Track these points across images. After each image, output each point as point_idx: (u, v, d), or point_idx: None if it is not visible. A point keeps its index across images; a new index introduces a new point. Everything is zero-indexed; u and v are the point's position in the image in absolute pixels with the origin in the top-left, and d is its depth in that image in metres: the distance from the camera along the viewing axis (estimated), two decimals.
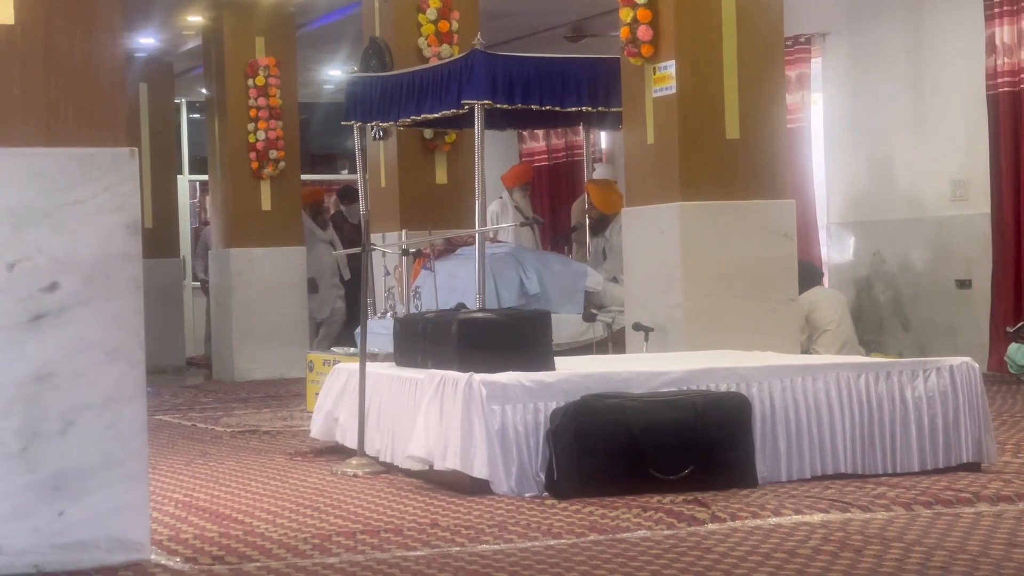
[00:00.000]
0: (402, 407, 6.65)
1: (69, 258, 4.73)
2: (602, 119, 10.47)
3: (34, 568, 4.64)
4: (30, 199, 4.71)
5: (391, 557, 4.80)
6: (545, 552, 4.83)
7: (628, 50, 8.78)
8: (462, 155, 11.63)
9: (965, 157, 11.99)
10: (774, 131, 8.80)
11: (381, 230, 11.36)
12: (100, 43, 4.83)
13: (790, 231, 8.81)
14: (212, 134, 14.75)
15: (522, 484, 6.00)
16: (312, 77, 18.00)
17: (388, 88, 10.22)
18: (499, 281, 9.84)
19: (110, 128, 4.83)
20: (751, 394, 6.24)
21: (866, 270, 12.97)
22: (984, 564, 4.44)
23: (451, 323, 6.57)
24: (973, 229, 11.89)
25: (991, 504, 5.55)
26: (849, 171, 13.20)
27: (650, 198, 8.80)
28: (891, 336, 12.65)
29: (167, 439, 8.90)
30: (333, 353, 9.87)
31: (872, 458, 6.38)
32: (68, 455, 4.70)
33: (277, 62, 14.11)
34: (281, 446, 8.31)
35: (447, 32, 11.55)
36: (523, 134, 17.50)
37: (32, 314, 4.69)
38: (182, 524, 5.62)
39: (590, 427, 5.92)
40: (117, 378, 4.77)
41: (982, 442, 6.49)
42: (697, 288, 8.52)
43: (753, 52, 8.68)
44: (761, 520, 5.30)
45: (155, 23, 15.27)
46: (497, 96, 9.20)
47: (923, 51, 12.42)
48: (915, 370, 6.49)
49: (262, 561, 4.80)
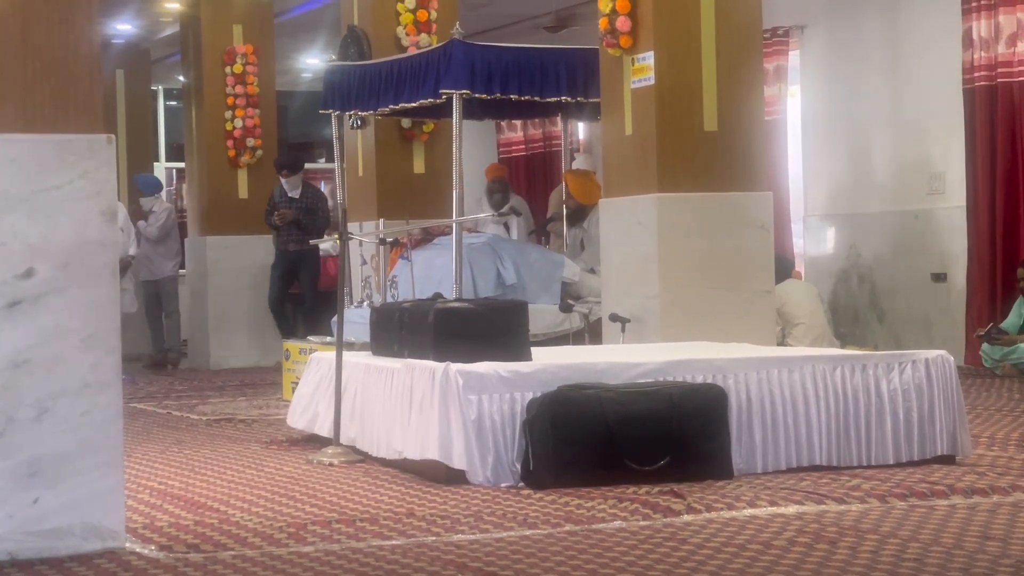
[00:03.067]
0: (378, 396, 6.64)
1: (45, 244, 4.71)
2: (580, 109, 10.47)
3: (8, 556, 4.62)
4: (5, 185, 4.69)
5: (366, 546, 4.80)
6: (521, 542, 4.83)
7: (607, 41, 8.78)
8: (440, 144, 11.62)
9: (941, 151, 12.03)
10: (752, 123, 8.82)
11: (358, 219, 11.35)
12: (77, 29, 4.81)
13: (767, 223, 8.83)
14: (189, 121, 14.71)
15: (498, 474, 6.00)
16: (290, 65, 17.97)
17: (366, 77, 10.21)
18: (476, 271, 9.84)
19: (87, 114, 4.81)
20: (727, 385, 6.25)
21: (842, 263, 13.00)
22: (958, 556, 4.45)
23: (428, 313, 6.56)
24: (949, 222, 11.92)
25: (965, 497, 5.57)
26: (826, 164, 13.22)
27: (627, 189, 8.80)
28: (867, 329, 12.69)
29: (142, 427, 8.88)
30: (310, 342, 9.85)
31: (847, 450, 6.40)
32: (43, 442, 4.69)
33: (255, 50, 14.08)
34: (257, 434, 8.29)
35: (426, 21, 11.53)
36: (501, 124, 17.48)
37: (7, 300, 4.67)
38: (157, 512, 5.60)
39: (566, 418, 5.92)
40: (93, 365, 4.76)
41: (957, 435, 6.51)
42: (674, 279, 8.53)
43: (731, 44, 8.69)
44: (736, 511, 5.31)
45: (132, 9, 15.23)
46: (475, 86, 9.19)
47: (901, 45, 12.45)
48: (891, 363, 6.50)
49: (237, 550, 4.79)
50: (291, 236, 13.36)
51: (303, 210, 13.37)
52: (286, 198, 13.44)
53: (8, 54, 4.72)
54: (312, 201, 13.55)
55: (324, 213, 13.57)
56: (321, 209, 13.55)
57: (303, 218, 13.36)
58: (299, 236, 13.25)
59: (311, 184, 14.10)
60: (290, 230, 13.34)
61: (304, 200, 13.45)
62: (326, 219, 13.61)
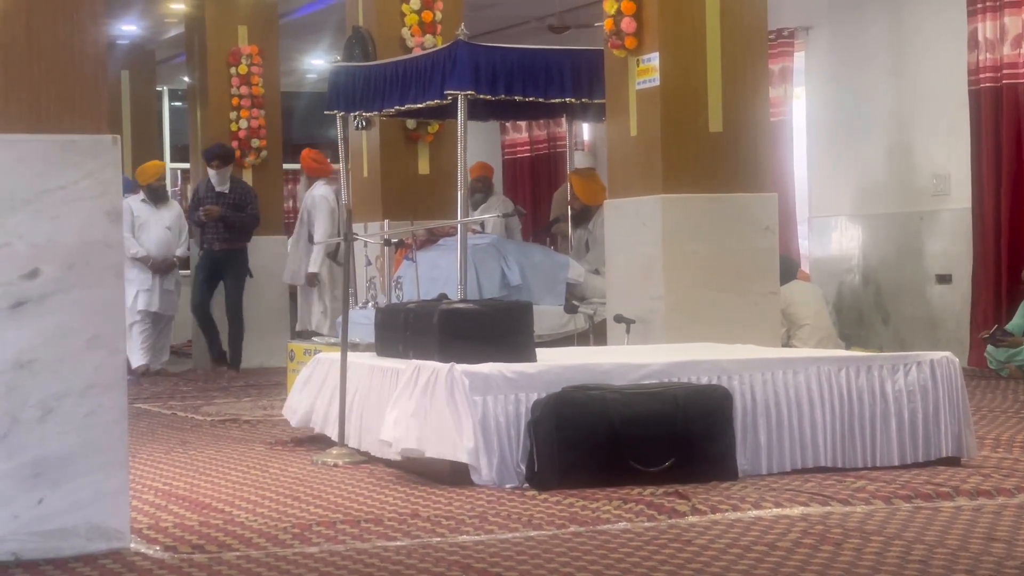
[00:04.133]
0: (383, 397, 6.64)
1: (50, 245, 4.72)
2: (585, 111, 10.46)
3: (12, 556, 4.62)
4: (11, 185, 4.69)
5: (371, 547, 4.80)
6: (525, 543, 4.83)
7: (612, 42, 8.78)
8: (445, 146, 11.62)
9: (947, 152, 12.02)
10: (757, 124, 8.81)
11: (363, 220, 11.35)
12: (82, 29, 4.81)
13: (772, 225, 8.82)
14: (194, 122, 14.72)
15: (503, 475, 5.99)
16: (295, 66, 17.98)
17: (371, 78, 10.21)
18: (481, 272, 9.83)
19: (92, 115, 4.81)
20: (732, 387, 6.24)
21: (847, 264, 13.00)
22: (963, 558, 4.45)
23: (432, 314, 6.56)
24: (954, 224, 11.92)
25: (970, 498, 5.56)
26: (831, 165, 13.21)
27: (632, 190, 8.80)
28: (871, 330, 12.68)
29: (146, 427, 8.88)
30: (314, 343, 9.85)
31: (852, 452, 6.39)
32: (48, 442, 4.69)
33: (260, 51, 14.09)
34: (261, 435, 8.29)
35: (431, 22, 11.53)
36: (506, 125, 17.49)
37: (12, 301, 4.67)
38: (162, 513, 5.61)
39: (571, 419, 5.92)
40: (97, 365, 4.76)
41: (962, 436, 6.51)
42: (679, 281, 8.52)
43: (736, 45, 8.68)
44: (741, 513, 5.31)
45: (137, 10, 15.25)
46: (480, 87, 9.19)
47: (906, 46, 12.45)
48: (895, 364, 6.50)
49: (242, 551, 4.79)
50: (217, 234, 13.07)
51: (231, 206, 13.05)
52: (213, 193, 13.09)
53: (14, 54, 4.72)
54: (241, 197, 13.19)
55: (254, 210, 13.19)
56: (251, 206, 13.17)
57: (230, 215, 13.01)
58: (225, 234, 13.00)
59: (240, 179, 13.62)
60: (216, 227, 13.03)
61: (233, 195, 13.13)
62: (255, 217, 13.21)
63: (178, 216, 13.43)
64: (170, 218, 13.30)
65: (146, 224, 13.19)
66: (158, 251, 13.15)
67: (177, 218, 13.39)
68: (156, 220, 13.23)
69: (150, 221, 13.21)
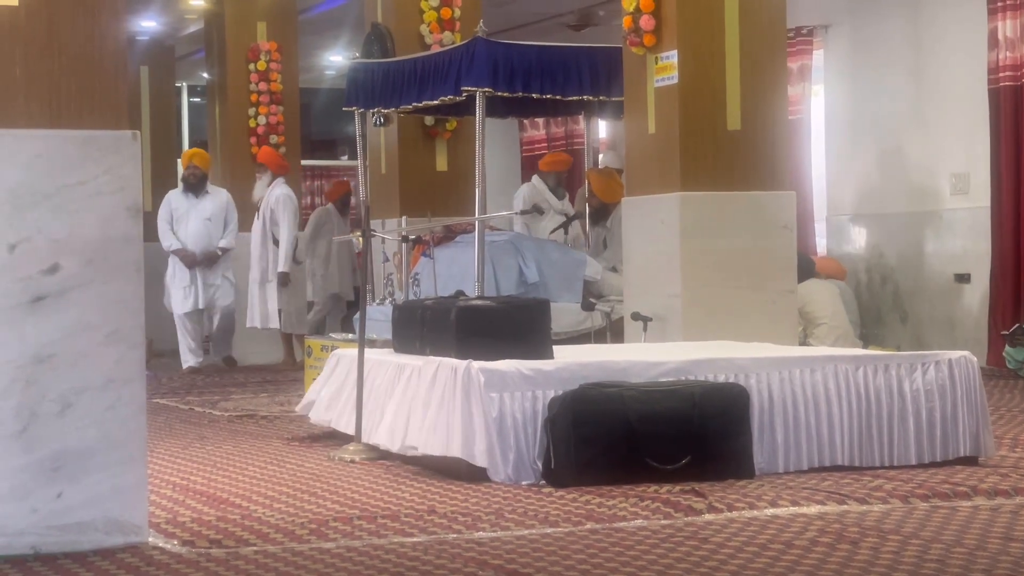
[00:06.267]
0: (400, 394, 6.65)
1: (70, 240, 4.73)
2: (603, 108, 10.47)
3: (31, 550, 4.64)
4: (32, 180, 4.71)
5: (388, 543, 4.81)
6: (542, 540, 4.83)
7: (630, 39, 8.77)
8: (463, 142, 11.63)
9: (966, 151, 11.99)
10: (775, 122, 8.81)
11: (381, 216, 11.36)
12: (103, 25, 4.83)
13: (790, 223, 8.82)
14: (213, 118, 14.74)
15: (519, 472, 6.00)
16: (313, 62, 17.99)
17: (389, 74, 10.22)
18: (498, 269, 9.84)
19: (112, 110, 4.83)
20: (749, 385, 6.24)
21: (865, 263, 12.97)
22: (981, 558, 4.44)
23: (450, 310, 6.57)
24: (973, 223, 11.88)
25: (988, 498, 5.56)
26: (849, 164, 13.19)
27: (650, 188, 8.80)
28: (889, 329, 12.65)
29: (164, 422, 8.90)
30: (331, 339, 9.86)
31: (869, 450, 6.39)
32: (67, 436, 4.71)
33: (278, 47, 14.10)
34: (278, 431, 8.31)
35: (449, 19, 11.55)
36: (524, 122, 17.48)
37: (32, 295, 4.69)
38: (179, 507, 5.62)
39: (588, 416, 5.92)
40: (116, 360, 4.78)
41: (979, 436, 6.50)
42: (696, 278, 8.52)
43: (755, 43, 8.68)
44: (758, 511, 5.30)
45: (157, 6, 15.28)
46: (498, 84, 9.20)
47: (925, 44, 12.42)
48: (913, 363, 6.49)
49: (259, 545, 4.81)
50: None
51: None
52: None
53: (34, 50, 4.75)
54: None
55: None
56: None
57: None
58: None
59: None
60: None
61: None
62: None
63: (222, 206, 12.94)
64: (212, 209, 12.87)
65: (184, 216, 12.85)
66: (196, 244, 12.79)
67: (221, 208, 12.92)
68: (196, 212, 12.85)
69: (189, 213, 12.85)
